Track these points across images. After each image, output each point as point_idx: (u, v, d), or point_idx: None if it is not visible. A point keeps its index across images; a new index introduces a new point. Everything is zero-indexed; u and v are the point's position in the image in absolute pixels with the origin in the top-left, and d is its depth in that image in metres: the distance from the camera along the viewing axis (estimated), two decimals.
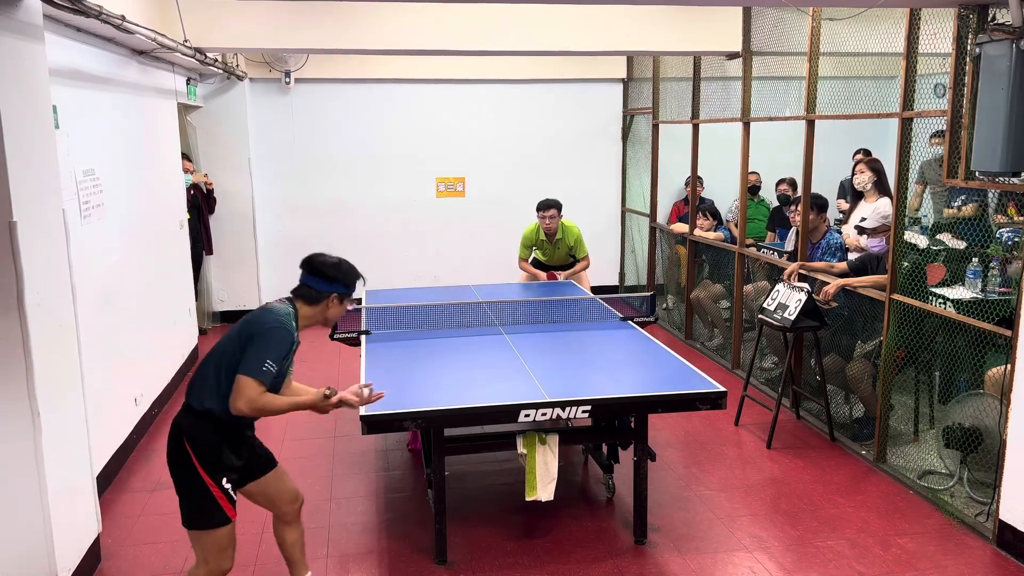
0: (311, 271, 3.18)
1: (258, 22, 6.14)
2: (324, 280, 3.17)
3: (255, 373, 2.94)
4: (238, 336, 3.04)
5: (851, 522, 4.31)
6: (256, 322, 3.05)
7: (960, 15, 4.14)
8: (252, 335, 3.00)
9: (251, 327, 3.04)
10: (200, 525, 3.05)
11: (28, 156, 3.38)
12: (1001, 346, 4.12)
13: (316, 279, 3.16)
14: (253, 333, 3.01)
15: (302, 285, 3.19)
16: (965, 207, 5.71)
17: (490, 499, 4.62)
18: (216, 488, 3.02)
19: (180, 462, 3.05)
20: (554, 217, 6.76)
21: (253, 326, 3.04)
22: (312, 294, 3.17)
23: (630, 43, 6.91)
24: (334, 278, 3.19)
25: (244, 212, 8.52)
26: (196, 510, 3.05)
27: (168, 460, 3.10)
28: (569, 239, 6.86)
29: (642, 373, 4.38)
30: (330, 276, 3.18)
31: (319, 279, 3.16)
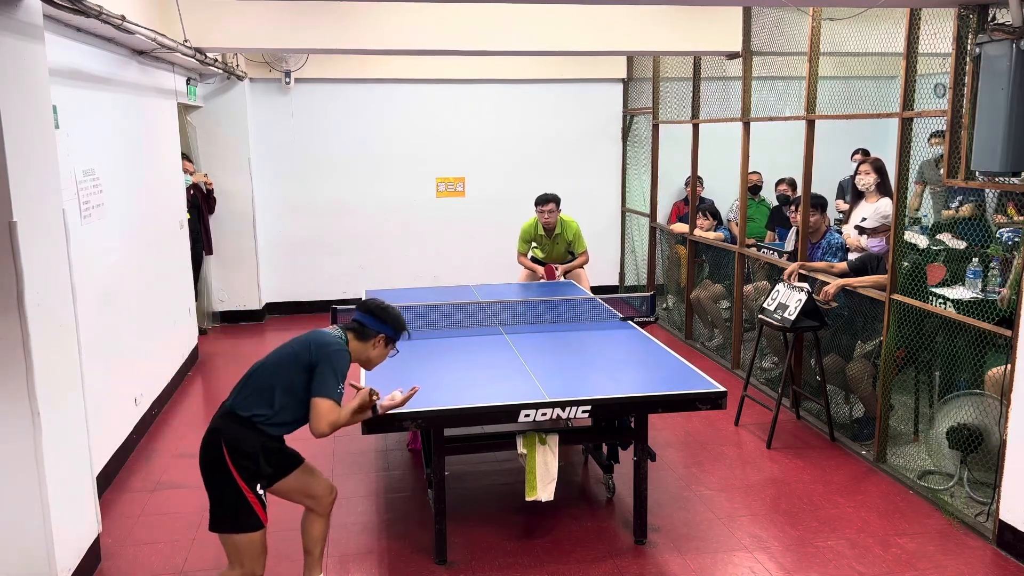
0: (366, 311, 3.36)
1: (258, 22, 6.14)
2: (376, 320, 3.34)
3: (333, 395, 3.12)
4: (296, 357, 3.16)
5: (851, 522, 4.31)
6: (322, 345, 3.18)
7: (960, 15, 4.14)
8: (321, 358, 3.13)
9: (317, 350, 3.15)
10: (232, 528, 3.12)
11: (28, 156, 3.38)
12: (1001, 346, 4.12)
13: (369, 317, 3.34)
14: (322, 357, 3.13)
15: (355, 321, 3.36)
16: (963, 207, 5.71)
17: (490, 499, 4.62)
18: (251, 494, 3.10)
19: (215, 466, 3.10)
20: (553, 212, 6.75)
21: (320, 349, 3.16)
22: (363, 331, 3.32)
23: (630, 43, 6.91)
24: (385, 321, 3.36)
25: (244, 212, 8.52)
26: (229, 514, 3.11)
27: (201, 463, 3.15)
28: (568, 234, 6.86)
29: (642, 373, 4.38)
30: (382, 318, 3.36)
31: (372, 318, 3.34)
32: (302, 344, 3.21)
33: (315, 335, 3.25)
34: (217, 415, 3.19)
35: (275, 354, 3.25)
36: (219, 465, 3.08)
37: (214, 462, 3.10)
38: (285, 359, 3.19)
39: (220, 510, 3.12)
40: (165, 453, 5.31)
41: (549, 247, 6.94)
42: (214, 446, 3.10)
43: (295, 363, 3.15)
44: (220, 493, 3.10)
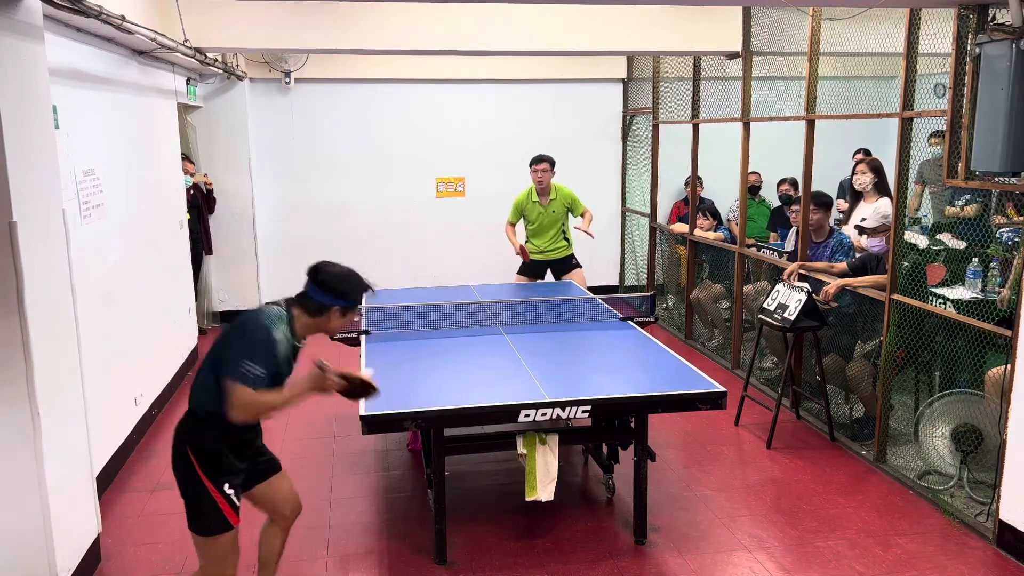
0: (316, 283, 3.05)
1: (258, 22, 6.14)
2: (329, 294, 3.04)
3: (241, 378, 2.84)
4: (225, 339, 3.01)
5: (851, 522, 4.31)
6: (239, 326, 3.00)
7: (960, 15, 4.14)
8: (233, 337, 2.97)
9: (235, 330, 2.99)
10: (202, 531, 3.02)
11: (28, 156, 3.38)
12: (1001, 346, 4.12)
13: (320, 291, 3.04)
14: (234, 336, 2.97)
15: (304, 294, 3.07)
16: (967, 207, 5.70)
17: (490, 499, 4.62)
18: (218, 494, 2.98)
19: (183, 467, 3.03)
20: (546, 171, 6.65)
21: (236, 329, 3.00)
22: (313, 305, 3.05)
23: (630, 43, 6.91)
24: (340, 292, 3.06)
25: (244, 212, 8.52)
26: (198, 515, 3.02)
27: (172, 465, 3.09)
28: (564, 200, 6.74)
29: (642, 373, 4.38)
30: (335, 290, 3.05)
31: (323, 292, 3.04)
32: (231, 325, 3.04)
33: (245, 315, 3.04)
34: (183, 416, 3.11)
35: (215, 342, 3.06)
36: (186, 466, 3.01)
37: (181, 464, 3.03)
38: (219, 345, 3.01)
39: (189, 511, 3.04)
40: (165, 453, 5.29)
41: (544, 215, 6.74)
42: (179, 448, 3.04)
43: (224, 346, 2.98)
44: (190, 494, 3.02)
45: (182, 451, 3.03)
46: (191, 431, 3.04)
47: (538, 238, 6.83)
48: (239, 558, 3.12)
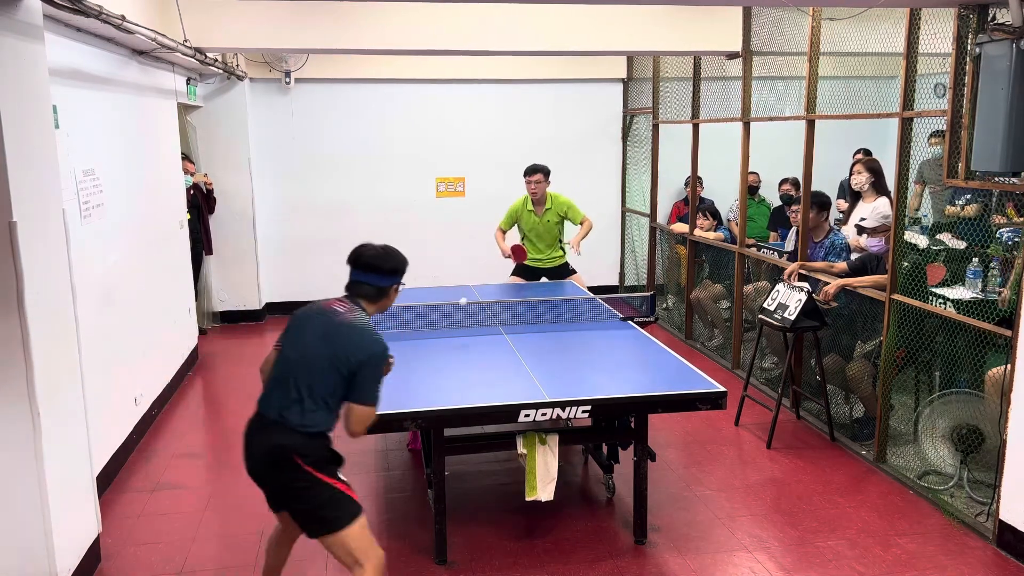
0: (369, 268, 3.12)
1: (258, 22, 6.14)
2: (384, 275, 3.14)
3: (375, 402, 3.01)
4: (332, 360, 2.95)
5: (851, 522, 4.31)
6: (358, 347, 2.97)
7: (960, 15, 4.14)
8: (361, 363, 2.95)
9: (354, 352, 2.96)
10: (343, 523, 2.97)
11: (28, 156, 3.38)
12: (1001, 346, 4.12)
13: (375, 275, 3.12)
14: (362, 361, 2.95)
15: (361, 284, 3.12)
16: (968, 207, 5.70)
17: (490, 499, 4.62)
18: (338, 482, 3.01)
19: (298, 480, 2.95)
20: (540, 182, 6.47)
21: (357, 352, 2.96)
22: (373, 292, 3.13)
23: (630, 43, 6.91)
24: (393, 270, 3.17)
25: (244, 212, 8.52)
26: (332, 513, 2.98)
27: (279, 486, 3.00)
28: (559, 209, 6.54)
29: (642, 373, 4.38)
30: (388, 269, 3.15)
31: (378, 275, 3.13)
32: (332, 343, 2.97)
33: (347, 333, 2.99)
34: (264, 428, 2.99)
35: (308, 353, 3.00)
36: (303, 478, 2.93)
37: (296, 478, 2.94)
38: (322, 362, 2.97)
39: (320, 515, 2.97)
40: (165, 453, 5.31)
41: (539, 226, 6.56)
42: (287, 463, 2.93)
43: (332, 368, 2.96)
44: (317, 500, 2.96)
45: (292, 466, 2.94)
46: (300, 444, 2.95)
47: (533, 247, 6.66)
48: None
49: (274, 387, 3.05)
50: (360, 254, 3.15)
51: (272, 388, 3.06)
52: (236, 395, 6.48)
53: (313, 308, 3.13)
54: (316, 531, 3.01)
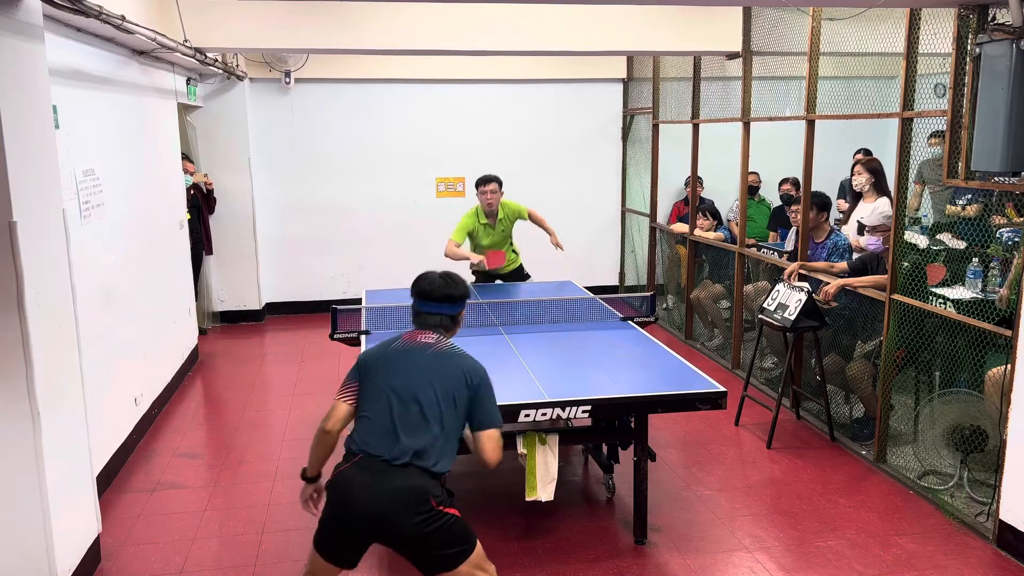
0: (441, 299, 3.06)
1: (258, 22, 6.14)
2: (456, 303, 3.09)
3: (500, 423, 2.99)
4: (438, 390, 2.89)
5: (851, 522, 4.31)
6: (466, 372, 2.94)
7: (960, 15, 4.14)
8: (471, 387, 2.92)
9: (462, 378, 2.92)
10: (472, 543, 2.94)
11: (28, 156, 3.38)
12: (1001, 346, 4.12)
13: (449, 306, 3.08)
14: (478, 384, 2.93)
15: (434, 316, 3.06)
16: (969, 207, 5.70)
17: (490, 499, 4.62)
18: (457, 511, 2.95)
19: (437, 521, 2.84)
20: (495, 192, 6.24)
21: (465, 377, 2.93)
22: (449, 321, 3.10)
23: (630, 43, 6.91)
24: (461, 296, 3.12)
25: (244, 212, 8.52)
26: (464, 538, 2.93)
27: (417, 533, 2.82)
28: (511, 215, 6.36)
29: (642, 373, 4.38)
30: (459, 296, 3.10)
31: (451, 304, 3.08)
32: (448, 377, 2.92)
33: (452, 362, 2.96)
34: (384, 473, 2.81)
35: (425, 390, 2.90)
36: (441, 519, 2.84)
37: (434, 520, 2.82)
38: (444, 401, 2.90)
39: (455, 548, 2.89)
40: (165, 453, 5.31)
41: (493, 235, 6.39)
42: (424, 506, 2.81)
43: (447, 399, 2.90)
44: (453, 535, 2.88)
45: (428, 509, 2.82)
46: (432, 486, 2.86)
47: (490, 245, 6.47)
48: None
49: (381, 433, 2.88)
50: (427, 287, 3.08)
51: (378, 434, 2.88)
52: (236, 395, 6.48)
53: (395, 347, 3.02)
54: (455, 562, 2.89)
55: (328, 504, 2.91)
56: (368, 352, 3.07)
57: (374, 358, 3.01)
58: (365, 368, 3.00)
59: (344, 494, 2.84)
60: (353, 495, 2.82)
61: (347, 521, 2.85)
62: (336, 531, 2.89)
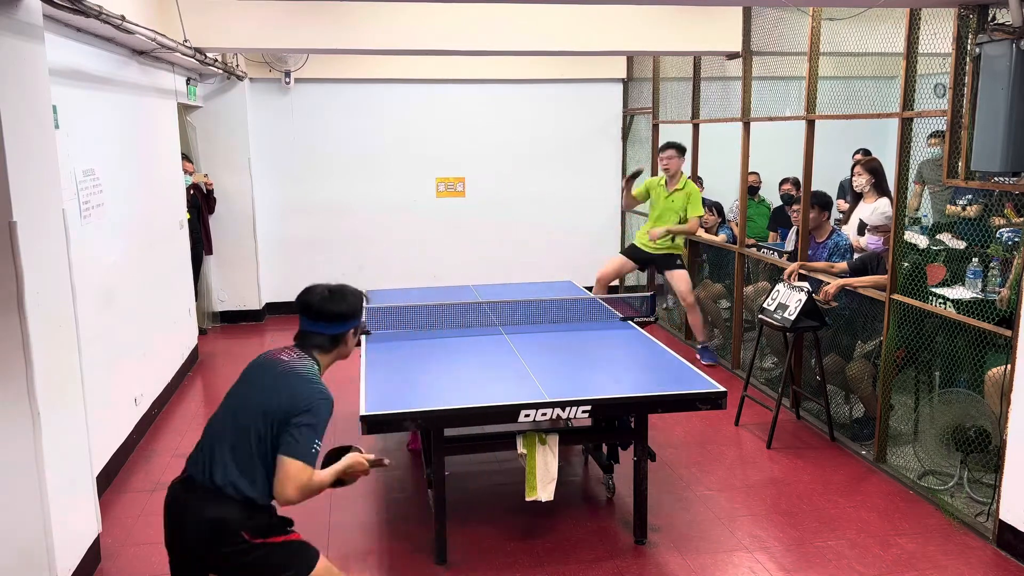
0: (318, 316, 2.75)
1: (258, 22, 6.14)
2: (335, 322, 2.77)
3: (307, 458, 2.55)
4: (264, 412, 2.60)
5: (851, 522, 4.31)
6: (295, 396, 2.60)
7: (960, 15, 4.14)
8: (293, 412, 2.58)
9: (288, 401, 2.59)
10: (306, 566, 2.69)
11: (28, 156, 3.38)
12: (1001, 346, 4.12)
13: (325, 324, 2.76)
14: (293, 411, 2.58)
15: (311, 335, 2.77)
16: (969, 207, 5.69)
17: (490, 499, 4.62)
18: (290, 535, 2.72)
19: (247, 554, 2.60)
20: (672, 157, 6.71)
21: (292, 401, 2.59)
22: (328, 340, 2.78)
23: (630, 43, 6.91)
24: (344, 315, 2.78)
25: (244, 212, 8.52)
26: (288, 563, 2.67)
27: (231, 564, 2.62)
28: (686, 194, 6.77)
29: (642, 373, 4.38)
30: (338, 314, 2.76)
31: (329, 323, 2.76)
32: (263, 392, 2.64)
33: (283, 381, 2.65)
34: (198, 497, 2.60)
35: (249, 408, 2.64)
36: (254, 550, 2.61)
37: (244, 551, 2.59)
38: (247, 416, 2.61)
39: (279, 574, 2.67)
40: (165, 453, 5.31)
41: (664, 204, 6.81)
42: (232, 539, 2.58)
43: (263, 420, 2.59)
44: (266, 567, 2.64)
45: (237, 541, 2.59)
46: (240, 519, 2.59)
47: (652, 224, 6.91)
48: None
49: (208, 451, 2.65)
50: (307, 300, 2.78)
51: (205, 452, 2.66)
52: None
53: (259, 359, 2.79)
54: None
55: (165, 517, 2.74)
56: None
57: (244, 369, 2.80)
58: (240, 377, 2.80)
59: (167, 512, 2.69)
60: (172, 516, 2.67)
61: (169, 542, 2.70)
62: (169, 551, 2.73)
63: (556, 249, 9.40)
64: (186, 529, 2.63)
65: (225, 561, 2.64)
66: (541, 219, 9.43)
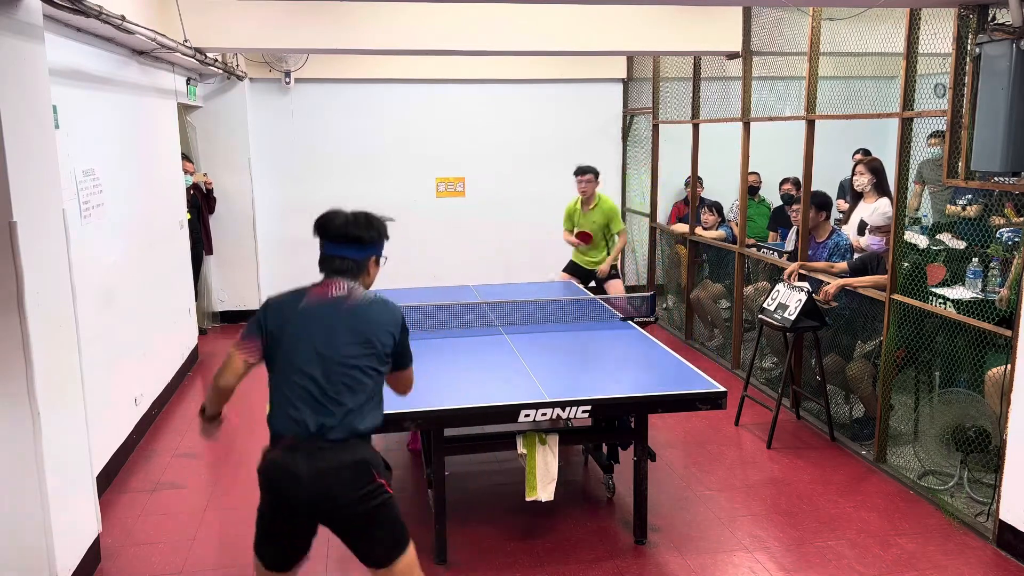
0: (344, 239, 2.68)
1: (258, 22, 6.14)
2: (364, 245, 2.70)
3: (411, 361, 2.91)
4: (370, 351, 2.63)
5: (851, 522, 4.31)
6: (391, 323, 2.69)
7: (960, 15, 4.14)
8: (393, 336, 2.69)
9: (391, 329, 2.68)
10: (406, 541, 2.70)
11: (28, 156, 3.38)
12: (1001, 346, 4.12)
13: (347, 247, 2.69)
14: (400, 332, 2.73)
15: (336, 259, 2.72)
16: (970, 207, 5.69)
17: (490, 499, 4.62)
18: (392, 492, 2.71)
19: (375, 498, 2.61)
20: (590, 181, 6.90)
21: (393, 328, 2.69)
22: (353, 266, 2.71)
23: (630, 43, 6.91)
24: (373, 239, 2.71)
25: (244, 212, 8.52)
26: (401, 529, 2.69)
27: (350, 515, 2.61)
28: (604, 208, 6.93)
29: (642, 373, 4.38)
30: (368, 238, 2.70)
31: (357, 246, 2.69)
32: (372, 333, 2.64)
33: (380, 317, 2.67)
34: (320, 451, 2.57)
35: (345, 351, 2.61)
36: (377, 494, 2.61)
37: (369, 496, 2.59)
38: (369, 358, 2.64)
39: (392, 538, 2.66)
40: (165, 453, 5.31)
41: (585, 222, 7.03)
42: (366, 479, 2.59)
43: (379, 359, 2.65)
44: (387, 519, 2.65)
45: (370, 482, 2.60)
46: (371, 455, 2.63)
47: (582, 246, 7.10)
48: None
49: (307, 408, 2.60)
50: (330, 222, 2.70)
51: (303, 409, 2.60)
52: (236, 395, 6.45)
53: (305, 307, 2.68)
54: (391, 555, 2.65)
55: (264, 493, 2.66)
56: (272, 308, 2.71)
57: (281, 321, 2.67)
58: (272, 333, 2.68)
59: (279, 481, 2.60)
60: (289, 480, 2.57)
61: (288, 508, 2.62)
62: (277, 519, 2.66)
63: (556, 249, 9.35)
64: (314, 485, 2.55)
65: (357, 507, 2.59)
66: (541, 219, 9.41)
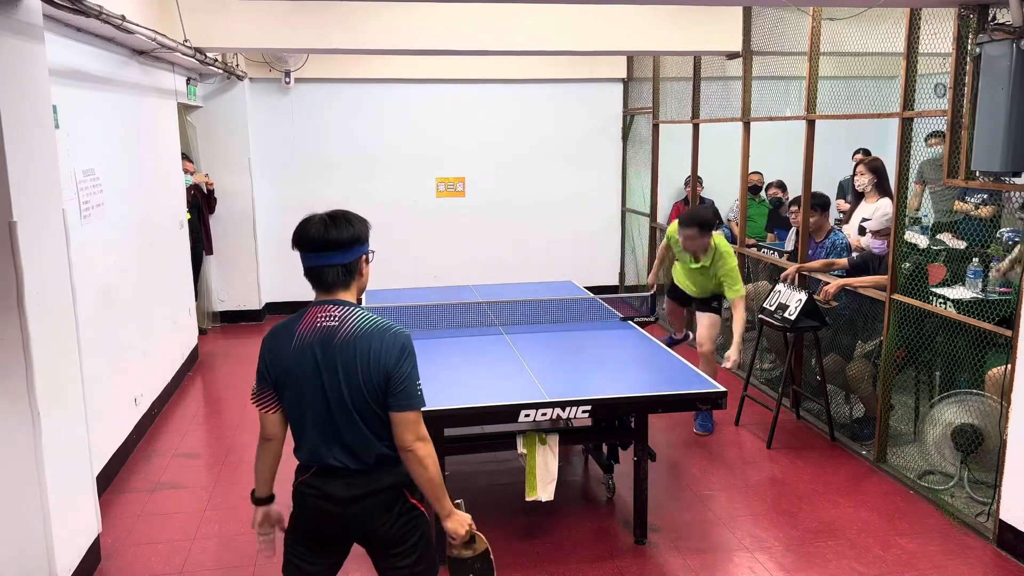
0: (322, 245, 2.41)
1: (258, 22, 6.14)
2: (343, 249, 2.46)
3: (421, 403, 2.45)
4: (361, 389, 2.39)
5: (851, 522, 4.31)
6: (403, 348, 2.41)
7: (960, 15, 4.14)
8: (409, 363, 2.42)
9: (406, 354, 2.41)
10: (437, 560, 2.64)
11: (28, 156, 3.38)
12: (1001, 346, 4.12)
13: (329, 254, 2.43)
14: (409, 361, 2.42)
15: (323, 270, 2.44)
16: (983, 207, 5.66)
17: (490, 499, 4.62)
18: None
19: (409, 522, 2.54)
20: (693, 238, 5.20)
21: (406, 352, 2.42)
22: (341, 273, 2.45)
23: (630, 43, 6.91)
24: (354, 238, 2.48)
25: (244, 212, 8.53)
26: (430, 544, 2.63)
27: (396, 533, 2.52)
28: (718, 267, 5.27)
29: (642, 373, 4.38)
30: (348, 239, 2.47)
31: (334, 252, 2.44)
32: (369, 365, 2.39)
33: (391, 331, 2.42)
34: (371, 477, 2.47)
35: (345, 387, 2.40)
36: (411, 516, 2.54)
37: (404, 521, 2.52)
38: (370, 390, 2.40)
39: (430, 556, 2.61)
40: (165, 453, 5.31)
41: (692, 276, 5.53)
42: (401, 504, 2.51)
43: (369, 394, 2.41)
44: (423, 540, 2.58)
45: (405, 506, 2.53)
46: (402, 478, 2.50)
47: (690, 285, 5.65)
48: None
49: (329, 442, 2.45)
50: (306, 231, 2.43)
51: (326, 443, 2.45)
52: (236, 395, 6.48)
53: (297, 345, 2.42)
54: None
55: (298, 513, 2.56)
56: (270, 351, 2.49)
57: (280, 370, 2.46)
58: (277, 380, 2.48)
59: (314, 501, 2.50)
60: (324, 500, 2.48)
61: (322, 531, 2.54)
62: (310, 541, 2.57)
63: (556, 249, 9.41)
64: (346, 508, 2.47)
65: (392, 530, 2.51)
66: (541, 219, 9.44)
